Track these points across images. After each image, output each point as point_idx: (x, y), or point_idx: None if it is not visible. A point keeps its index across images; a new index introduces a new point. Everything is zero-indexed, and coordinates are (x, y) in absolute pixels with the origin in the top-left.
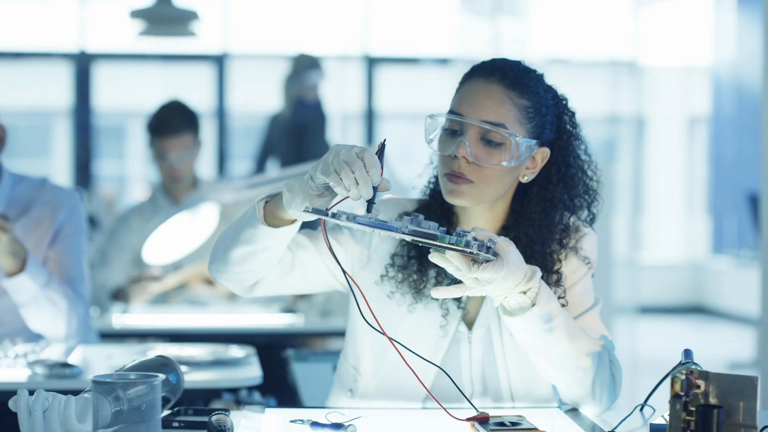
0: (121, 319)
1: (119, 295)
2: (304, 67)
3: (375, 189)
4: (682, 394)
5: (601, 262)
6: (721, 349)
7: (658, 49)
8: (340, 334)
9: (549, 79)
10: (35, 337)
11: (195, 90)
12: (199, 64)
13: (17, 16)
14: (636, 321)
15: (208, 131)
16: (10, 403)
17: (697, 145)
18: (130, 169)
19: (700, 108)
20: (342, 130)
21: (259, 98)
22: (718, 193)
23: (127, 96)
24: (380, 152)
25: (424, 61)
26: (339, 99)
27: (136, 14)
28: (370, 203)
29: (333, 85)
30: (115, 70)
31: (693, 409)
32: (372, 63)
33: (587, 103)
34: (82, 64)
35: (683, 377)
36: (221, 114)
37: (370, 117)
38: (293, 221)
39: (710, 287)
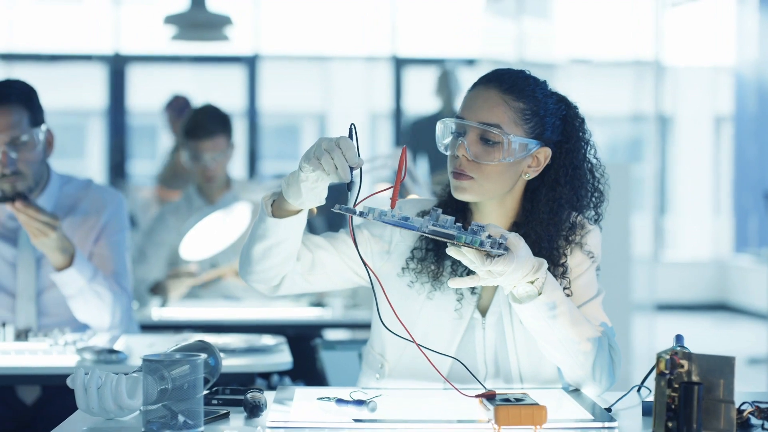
0: (159, 311)
1: (157, 290)
2: (453, 84)
3: (352, 170)
4: (667, 372)
5: (620, 260)
6: (741, 345)
7: (682, 50)
8: (365, 325)
9: (573, 79)
10: (82, 327)
11: (227, 91)
12: (230, 65)
13: (54, 19)
14: (655, 317)
15: (239, 131)
16: (68, 381)
17: (724, 144)
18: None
19: (726, 107)
20: (371, 129)
21: (289, 98)
22: (741, 192)
23: (161, 96)
24: (350, 135)
25: (450, 61)
26: (368, 99)
27: (170, 20)
28: (350, 184)
29: (362, 86)
30: (149, 71)
31: (677, 386)
32: (399, 64)
33: (612, 103)
34: (117, 66)
35: (668, 357)
36: (252, 114)
37: (398, 116)
38: (298, 212)
39: (733, 285)
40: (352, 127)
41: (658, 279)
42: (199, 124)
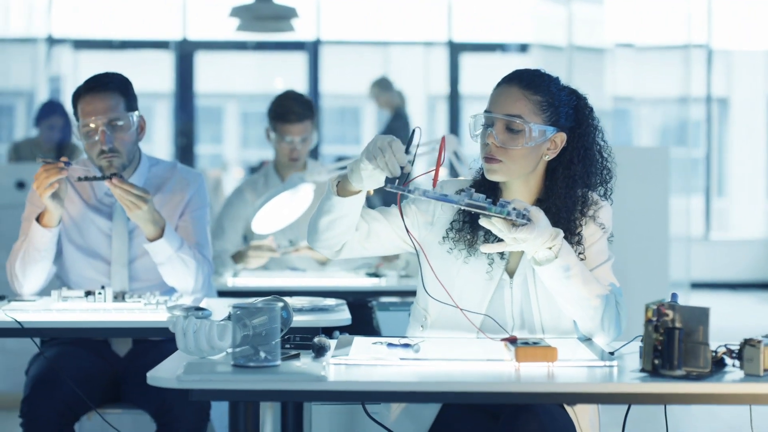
0: (233, 280)
1: (237, 258)
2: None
3: (402, 168)
4: (654, 319)
5: (659, 240)
6: None
7: (735, 33)
8: (416, 293)
9: (621, 63)
10: (169, 291)
11: (289, 75)
12: (293, 50)
13: (123, 6)
14: (689, 295)
15: None
16: (169, 326)
17: None
18: (227, 150)
19: None
20: (428, 112)
21: (349, 83)
22: None
23: (225, 81)
24: (411, 137)
25: (504, 46)
26: (425, 83)
27: (236, 12)
28: (399, 179)
29: (419, 70)
30: (214, 57)
31: (662, 331)
32: (456, 49)
33: (662, 87)
34: (184, 52)
35: (655, 307)
36: (314, 98)
37: (454, 99)
38: (358, 192)
39: None
40: (413, 131)
41: (709, 258)
42: (289, 109)
